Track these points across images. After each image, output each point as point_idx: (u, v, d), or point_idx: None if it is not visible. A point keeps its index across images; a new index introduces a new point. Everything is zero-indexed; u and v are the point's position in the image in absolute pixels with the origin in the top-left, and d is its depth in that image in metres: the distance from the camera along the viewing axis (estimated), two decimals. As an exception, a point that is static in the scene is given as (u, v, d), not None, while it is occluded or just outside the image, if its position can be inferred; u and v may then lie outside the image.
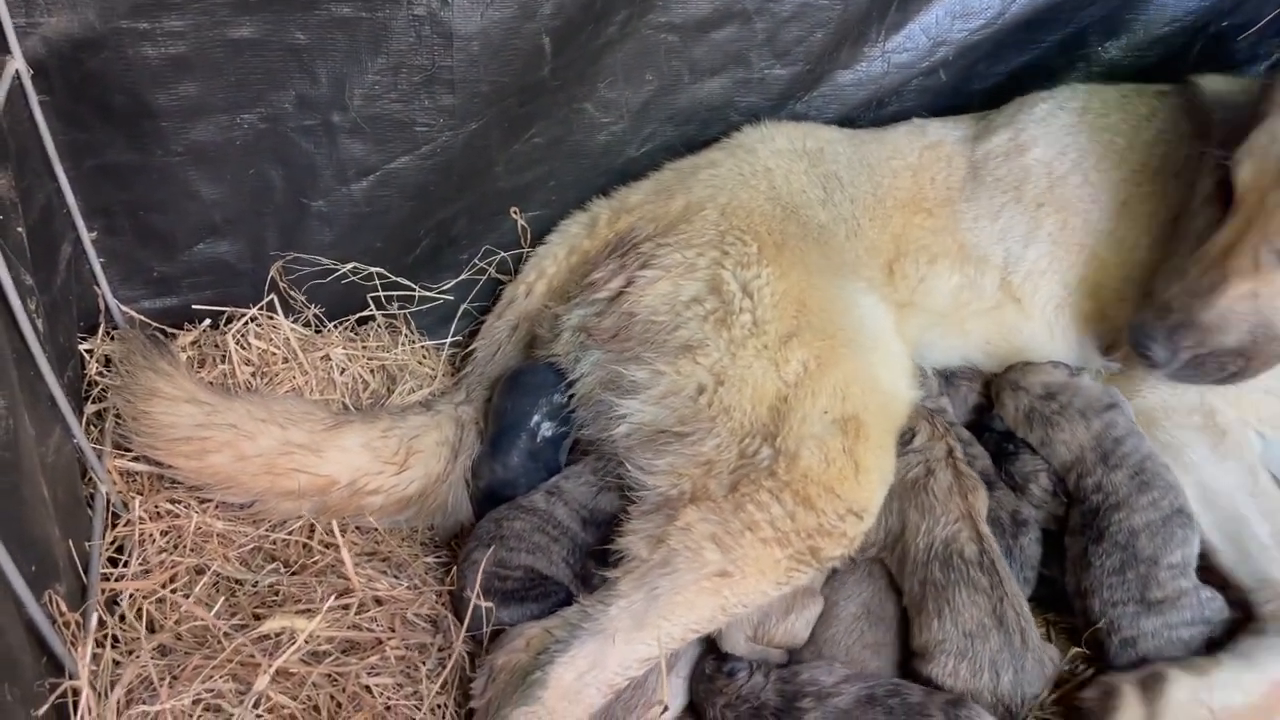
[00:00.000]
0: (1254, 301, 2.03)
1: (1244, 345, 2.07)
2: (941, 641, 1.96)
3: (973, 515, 2.11)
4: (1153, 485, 2.13)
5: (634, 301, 2.28)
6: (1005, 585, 2.01)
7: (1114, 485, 2.15)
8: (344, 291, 2.57)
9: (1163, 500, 2.11)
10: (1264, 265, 2.01)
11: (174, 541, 2.11)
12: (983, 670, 1.92)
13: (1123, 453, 2.18)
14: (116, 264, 2.35)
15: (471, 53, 2.26)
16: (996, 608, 1.96)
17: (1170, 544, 2.06)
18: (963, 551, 2.03)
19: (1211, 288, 2.06)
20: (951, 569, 2.01)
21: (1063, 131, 2.57)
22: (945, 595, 1.99)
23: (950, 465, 2.20)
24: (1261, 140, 2.04)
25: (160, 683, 1.79)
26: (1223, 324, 2.05)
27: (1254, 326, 2.05)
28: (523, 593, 2.10)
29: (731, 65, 2.65)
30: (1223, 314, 2.05)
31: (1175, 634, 2.01)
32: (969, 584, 1.99)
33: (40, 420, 1.88)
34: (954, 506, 2.11)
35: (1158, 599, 2.02)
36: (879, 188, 2.63)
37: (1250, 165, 2.05)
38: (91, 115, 2.10)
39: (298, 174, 2.32)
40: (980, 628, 1.95)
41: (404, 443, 2.33)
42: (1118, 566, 2.06)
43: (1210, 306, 2.05)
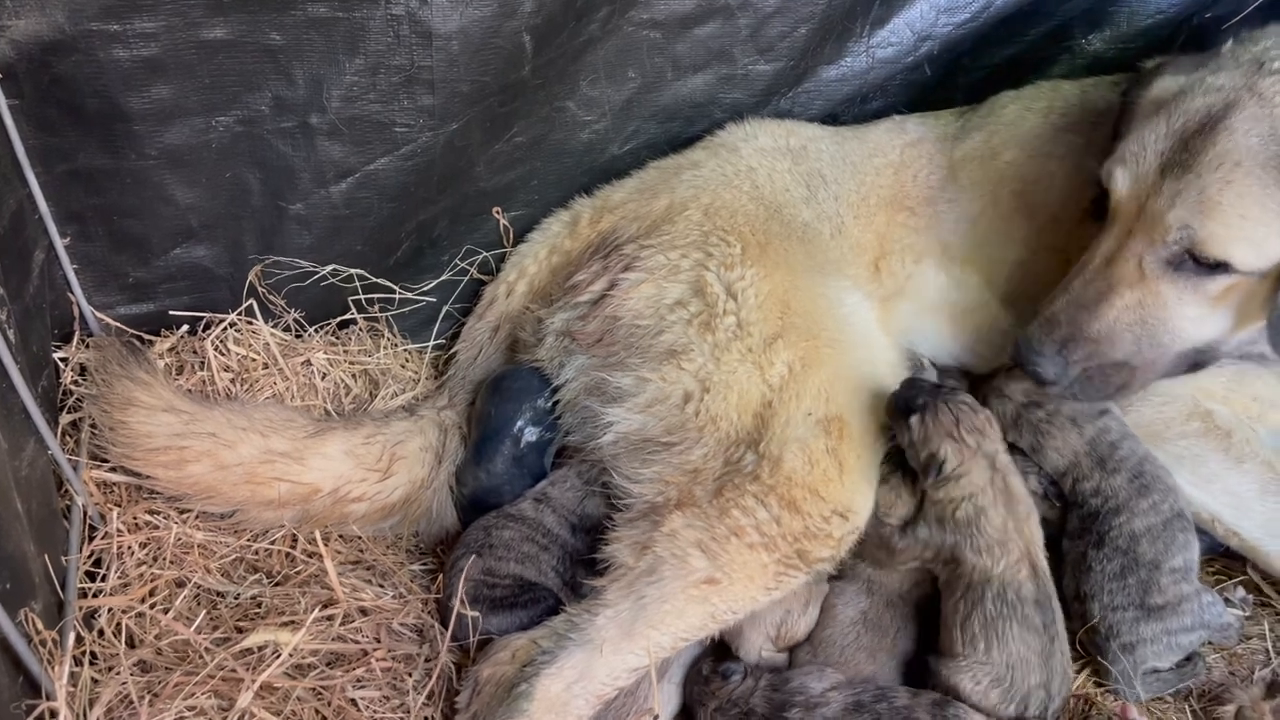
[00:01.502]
0: (1140, 310, 2.01)
1: (1130, 356, 2.04)
2: (983, 663, 1.92)
3: (1031, 552, 2.01)
4: (1152, 489, 2.11)
5: (617, 305, 2.26)
6: (1058, 625, 1.95)
7: (1113, 489, 2.13)
8: (324, 295, 2.54)
9: (1163, 504, 2.09)
10: (1149, 274, 1.99)
11: (153, 554, 2.08)
12: (1013, 700, 1.89)
13: (1120, 456, 2.16)
14: (91, 270, 2.30)
15: (451, 52, 2.22)
16: (1045, 648, 1.91)
17: (1171, 548, 2.05)
18: (1020, 590, 1.95)
19: (1098, 298, 2.03)
20: (1006, 604, 1.94)
21: (1031, 135, 2.56)
22: (995, 626, 1.93)
23: (1000, 495, 2.03)
24: (1133, 148, 2.02)
25: (140, 701, 1.77)
26: (1111, 335, 2.03)
27: (1139, 337, 2.03)
28: (511, 600, 2.08)
29: (715, 61, 2.63)
30: (1110, 325, 2.02)
31: (1175, 640, 2.01)
32: (1023, 622, 1.92)
33: (13, 432, 1.84)
34: (1013, 546, 1.99)
35: (1158, 604, 2.01)
36: (863, 185, 2.61)
37: (1124, 174, 2.04)
38: (62, 119, 2.06)
39: (275, 177, 2.29)
40: (1024, 663, 1.90)
41: (387, 449, 2.30)
42: (1118, 571, 2.05)
43: (1098, 317, 2.03)
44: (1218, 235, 1.90)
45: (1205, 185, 1.89)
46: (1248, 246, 1.90)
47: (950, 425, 2.02)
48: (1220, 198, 1.88)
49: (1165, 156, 1.97)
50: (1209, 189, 1.89)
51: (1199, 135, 1.93)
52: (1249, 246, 1.90)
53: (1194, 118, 1.96)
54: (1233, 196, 1.87)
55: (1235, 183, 1.87)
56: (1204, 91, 1.98)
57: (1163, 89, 2.07)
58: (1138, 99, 2.13)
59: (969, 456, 2.02)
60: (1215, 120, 1.92)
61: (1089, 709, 2.00)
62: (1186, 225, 1.91)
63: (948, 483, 2.02)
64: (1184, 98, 2.00)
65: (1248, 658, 2.10)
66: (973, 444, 2.03)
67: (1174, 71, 2.10)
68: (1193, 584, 2.05)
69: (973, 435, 2.03)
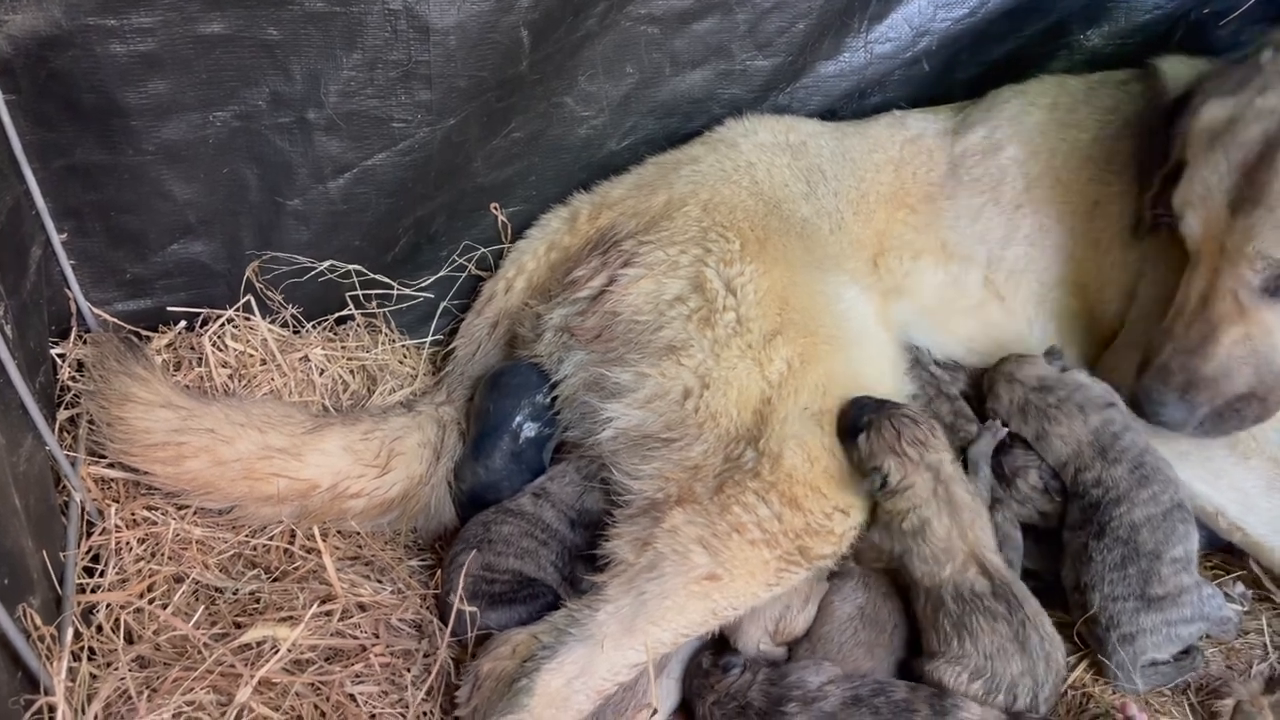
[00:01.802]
0: (1249, 343, 2.04)
1: (1253, 387, 2.06)
2: (960, 656, 1.92)
3: (976, 554, 2.01)
4: (1152, 479, 2.11)
5: (616, 300, 2.26)
6: (1025, 607, 1.94)
7: (1114, 480, 2.13)
8: (322, 291, 2.53)
9: (1163, 495, 2.09)
10: (1247, 306, 2.02)
11: (151, 549, 2.08)
12: (999, 690, 1.89)
13: (1121, 447, 2.16)
14: (88, 266, 2.30)
15: (448, 47, 2.22)
16: (1019, 632, 1.91)
17: (1172, 538, 2.04)
18: (973, 587, 1.97)
19: (1204, 339, 2.06)
20: (965, 600, 1.95)
21: (1034, 130, 2.56)
22: (962, 621, 1.94)
23: (945, 505, 2.03)
24: (1198, 190, 2.05)
25: (139, 696, 1.76)
26: (1227, 372, 2.05)
27: (1257, 367, 2.05)
28: (511, 595, 2.08)
29: (713, 57, 2.63)
30: (1223, 362, 2.05)
31: (1174, 631, 2.00)
32: (985, 612, 1.93)
33: (11, 428, 1.84)
34: (957, 552, 2.00)
35: (1159, 595, 2.00)
36: (862, 182, 2.61)
37: (1195, 217, 2.07)
38: (60, 114, 2.05)
39: (273, 172, 2.28)
40: (1001, 651, 1.90)
41: (385, 445, 2.30)
42: (1119, 562, 2.05)
43: (1209, 358, 2.05)
44: None
45: (1278, 217, 1.92)
46: None
47: (892, 440, 2.02)
48: None
49: (1231, 194, 1.99)
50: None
51: (1260, 167, 1.95)
52: None
53: (1252, 149, 1.97)
54: None
55: None
56: (1256, 117, 1.99)
57: (1212, 118, 2.07)
58: (1187, 128, 2.12)
59: (911, 469, 2.02)
60: (1272, 147, 1.94)
61: (1086, 701, 1.99)
62: (1268, 255, 1.94)
63: (894, 495, 2.03)
64: (1237, 128, 2.01)
65: (1246, 652, 2.09)
66: (915, 456, 2.03)
67: (1218, 93, 2.09)
68: (1193, 575, 2.04)
69: (914, 447, 2.03)
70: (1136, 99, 2.51)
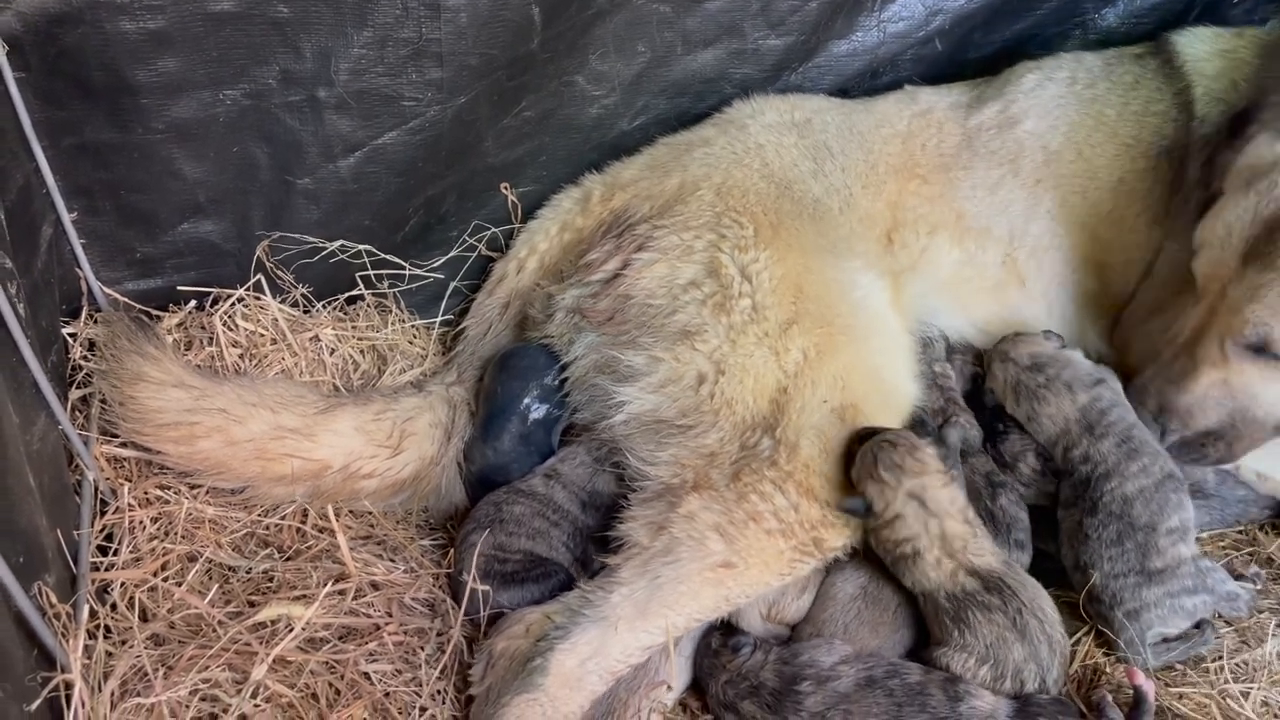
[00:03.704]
0: (1226, 388, 2.05)
1: (1222, 428, 2.09)
2: (964, 645, 1.92)
3: (967, 564, 1.97)
4: (1141, 452, 2.09)
5: (630, 284, 2.25)
6: (1020, 595, 1.93)
7: (1102, 454, 2.12)
8: (332, 271, 2.53)
9: (1153, 466, 2.08)
10: (1231, 356, 2.02)
11: (164, 529, 2.08)
12: (1006, 677, 1.89)
13: (1108, 422, 2.15)
14: (98, 245, 2.29)
15: (459, 24, 2.20)
16: (1016, 620, 1.90)
17: (1166, 509, 2.03)
18: (963, 587, 1.94)
19: (1184, 374, 2.09)
20: (958, 599, 1.94)
21: (1052, 103, 2.54)
22: (959, 615, 1.92)
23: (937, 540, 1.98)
24: (1219, 230, 2.02)
25: (154, 674, 1.77)
26: (1200, 408, 2.08)
27: (1231, 412, 2.07)
28: (523, 575, 2.09)
29: (725, 36, 2.61)
30: (1198, 399, 2.07)
31: (1178, 603, 1.98)
32: (980, 606, 1.92)
33: (24, 407, 1.83)
34: (945, 568, 1.97)
35: (1159, 568, 1.99)
36: (870, 154, 2.59)
37: (1207, 255, 2.05)
38: (69, 92, 2.04)
39: (283, 151, 2.27)
40: (1001, 640, 1.89)
41: (397, 425, 2.30)
42: (1115, 537, 2.03)
43: (1185, 392, 2.09)
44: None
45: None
46: None
47: (870, 466, 1.99)
48: None
49: (1249, 244, 1.96)
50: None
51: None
52: None
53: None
54: None
55: None
56: None
57: (1258, 156, 2.04)
58: (1232, 160, 2.09)
59: (890, 494, 1.98)
60: None
61: (1097, 678, 2.00)
62: (1265, 323, 1.92)
63: (886, 526, 2.00)
64: (1275, 177, 1.96)
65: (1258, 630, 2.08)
66: (891, 481, 1.97)
67: (1271, 130, 2.06)
68: (1191, 546, 2.03)
69: (890, 472, 1.98)
70: (1156, 74, 2.49)
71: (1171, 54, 2.48)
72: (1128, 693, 1.86)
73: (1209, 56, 2.44)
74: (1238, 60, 2.40)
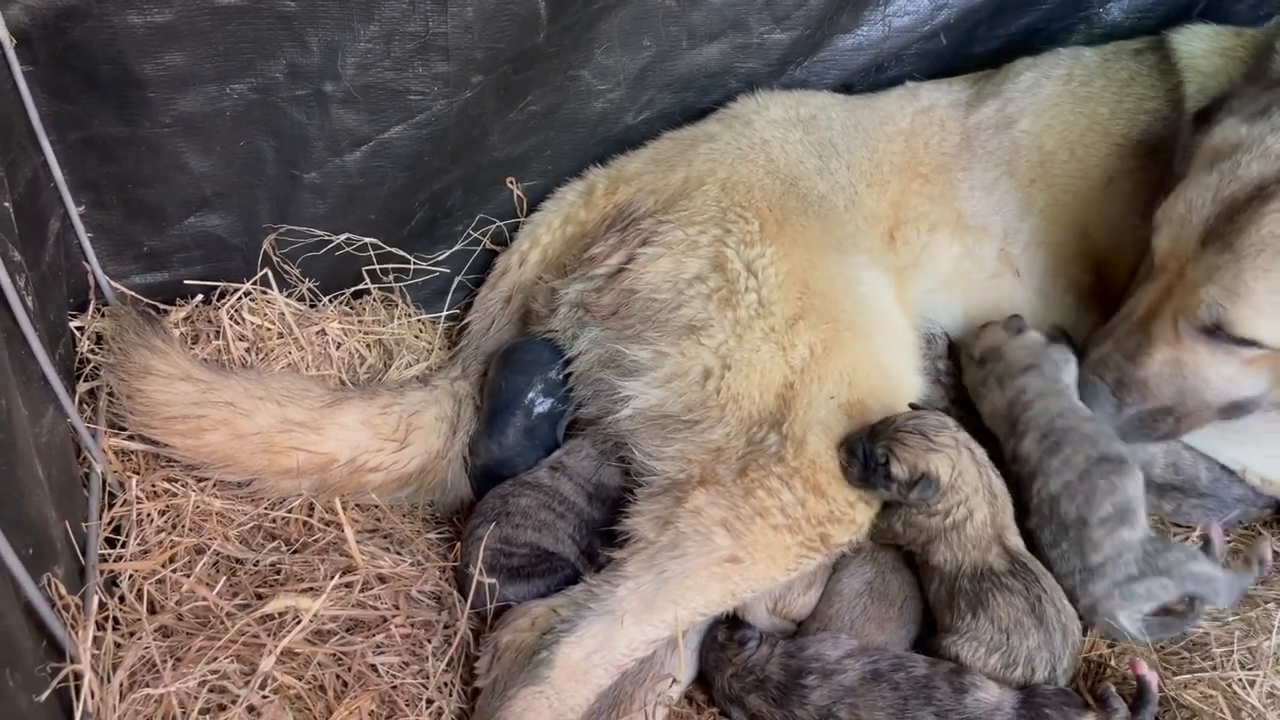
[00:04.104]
0: (1178, 367, 2.04)
1: (1174, 405, 2.09)
2: (974, 631, 1.92)
3: (1002, 538, 1.99)
4: (1063, 443, 2.04)
5: (635, 278, 2.25)
6: (1041, 582, 1.93)
7: (1025, 454, 2.09)
8: (338, 265, 2.53)
9: (1076, 456, 2.02)
10: (1184, 335, 2.01)
11: (172, 521, 2.09)
12: (1017, 665, 1.89)
13: (1029, 417, 2.11)
14: (106, 239, 2.29)
15: (466, 18, 2.20)
16: (1035, 606, 1.90)
17: (1094, 499, 1.97)
18: (992, 567, 1.94)
19: (1138, 349, 2.08)
20: (982, 579, 1.94)
21: (1048, 103, 2.53)
22: (978, 598, 1.93)
23: (987, 493, 2.00)
24: (1179, 209, 2.00)
25: (163, 665, 1.78)
26: (1154, 384, 2.08)
27: (1180, 390, 2.06)
28: (529, 569, 2.09)
29: (730, 30, 2.60)
30: (1152, 374, 2.07)
31: (1128, 590, 1.92)
32: (1002, 589, 1.92)
33: (33, 400, 1.84)
34: (984, 539, 1.98)
35: (1098, 562, 1.94)
36: (875, 153, 2.59)
37: (1168, 233, 2.03)
38: (77, 86, 2.04)
39: (289, 145, 2.27)
40: (1018, 625, 1.90)
41: (403, 419, 2.31)
42: (1052, 539, 2.00)
43: (1140, 367, 2.08)
44: (1247, 318, 1.89)
45: (1242, 269, 1.86)
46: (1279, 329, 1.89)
47: (922, 442, 1.96)
48: (1255, 285, 1.86)
49: (1209, 224, 1.94)
50: (1245, 274, 1.86)
51: (1245, 210, 1.88)
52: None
53: (1244, 187, 1.91)
54: (1268, 285, 1.85)
55: (1273, 272, 1.84)
56: (1261, 155, 1.92)
57: (1223, 139, 2.01)
58: (1199, 143, 2.07)
59: (956, 456, 1.97)
60: (1266, 197, 1.87)
61: (1103, 671, 2.00)
62: (1219, 304, 1.90)
63: (946, 494, 1.98)
64: (1240, 159, 1.93)
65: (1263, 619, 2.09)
66: (951, 441, 1.97)
67: (1239, 113, 2.03)
68: (1137, 529, 1.96)
69: (944, 433, 1.97)
70: (1152, 72, 2.48)
71: (1168, 51, 2.47)
72: (1133, 684, 1.87)
73: (1206, 54, 2.43)
74: (1235, 59, 2.39)
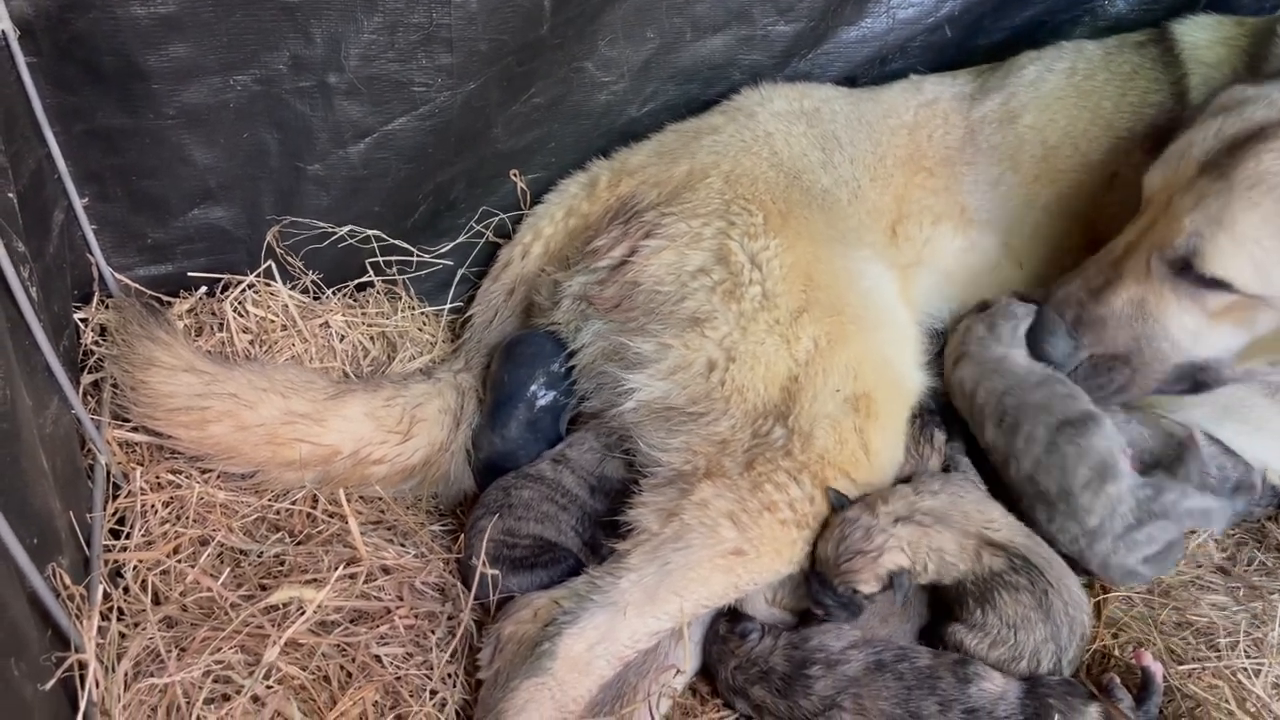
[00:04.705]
0: (1141, 307, 2.01)
1: (1131, 352, 2.04)
2: (981, 624, 1.92)
3: (988, 539, 1.95)
4: (1020, 421, 2.03)
5: (638, 271, 2.25)
6: (1047, 574, 1.91)
7: (990, 442, 2.08)
8: (342, 257, 2.53)
9: (1036, 430, 2.01)
10: (1154, 273, 1.98)
11: (176, 512, 2.09)
12: (1022, 658, 1.89)
13: (978, 406, 2.10)
14: (109, 231, 2.29)
15: (470, 10, 2.20)
16: (1042, 600, 1.89)
17: (1069, 465, 1.96)
18: (991, 567, 1.92)
19: (1105, 285, 2.04)
20: (984, 580, 1.92)
21: (1051, 97, 2.52)
22: (984, 597, 1.92)
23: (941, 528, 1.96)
24: (1179, 146, 1.98)
25: (168, 655, 1.78)
26: (1115, 324, 2.03)
27: (1138, 335, 2.02)
28: (531, 560, 2.09)
29: (734, 22, 2.60)
30: (1115, 314, 2.02)
31: (1131, 539, 1.93)
32: (1007, 587, 1.90)
33: (37, 391, 1.84)
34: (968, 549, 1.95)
35: (1094, 525, 1.94)
36: (878, 146, 2.58)
37: (1162, 169, 2.01)
38: (80, 77, 2.04)
39: (293, 137, 2.27)
40: (1025, 621, 1.89)
41: (407, 411, 2.31)
42: (1046, 516, 2.00)
43: (1103, 304, 2.04)
44: (1224, 250, 1.86)
45: (1232, 198, 1.84)
46: (1252, 271, 1.86)
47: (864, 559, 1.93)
48: (1241, 216, 1.84)
49: (1209, 155, 1.92)
50: (1234, 204, 1.84)
51: (1246, 144, 1.87)
52: (1254, 272, 1.86)
53: (1247, 126, 1.90)
54: (1254, 219, 1.83)
55: (1261, 207, 1.82)
56: (1267, 105, 1.92)
57: (1229, 96, 2.01)
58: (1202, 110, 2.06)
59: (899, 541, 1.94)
60: (1268, 135, 1.86)
61: (1107, 662, 2.00)
62: (1199, 233, 1.87)
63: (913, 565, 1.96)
64: (1245, 108, 1.94)
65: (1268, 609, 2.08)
66: (882, 537, 1.93)
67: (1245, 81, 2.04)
68: (1122, 481, 1.95)
69: (874, 536, 1.94)
70: (1155, 64, 2.47)
71: (1171, 43, 2.46)
72: (1138, 674, 1.87)
73: (1209, 45, 2.42)
74: (1239, 49, 2.37)
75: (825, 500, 2.00)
